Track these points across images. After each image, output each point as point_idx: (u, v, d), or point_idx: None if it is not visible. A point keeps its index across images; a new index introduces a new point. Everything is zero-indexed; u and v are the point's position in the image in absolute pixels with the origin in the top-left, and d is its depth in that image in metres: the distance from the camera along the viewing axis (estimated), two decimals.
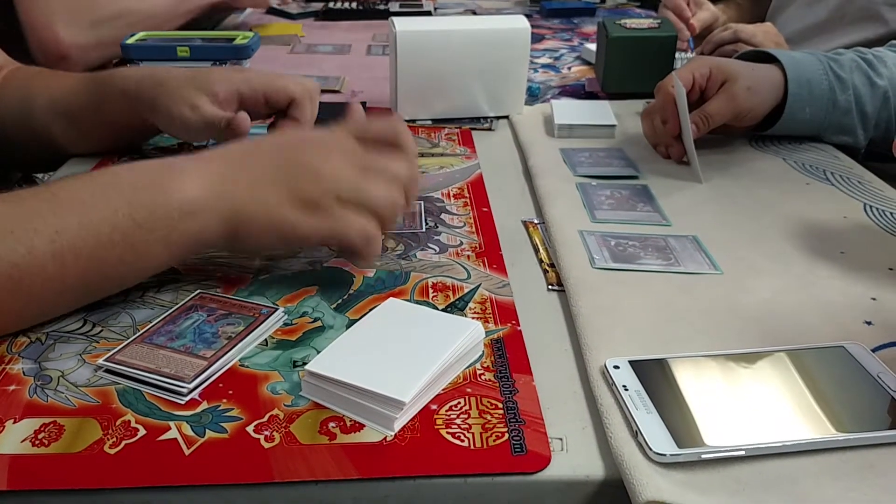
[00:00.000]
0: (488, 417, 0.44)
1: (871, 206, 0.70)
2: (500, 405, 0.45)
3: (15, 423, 0.43)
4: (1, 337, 0.50)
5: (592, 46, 1.13)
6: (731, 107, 0.77)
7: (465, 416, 0.44)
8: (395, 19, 0.87)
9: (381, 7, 1.48)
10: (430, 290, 0.56)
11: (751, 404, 0.44)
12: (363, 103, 0.94)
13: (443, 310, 0.53)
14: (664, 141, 0.80)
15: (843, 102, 0.80)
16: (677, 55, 1.01)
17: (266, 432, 0.42)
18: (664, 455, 0.40)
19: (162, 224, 0.50)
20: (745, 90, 0.77)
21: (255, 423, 0.43)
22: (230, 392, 0.45)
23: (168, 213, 0.50)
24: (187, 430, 0.42)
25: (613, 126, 0.86)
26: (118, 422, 0.43)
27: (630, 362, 0.47)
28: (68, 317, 0.52)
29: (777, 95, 0.79)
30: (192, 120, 0.68)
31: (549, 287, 0.58)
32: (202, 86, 0.68)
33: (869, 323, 0.53)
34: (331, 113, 0.90)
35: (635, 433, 0.42)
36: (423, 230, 0.65)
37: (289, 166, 0.53)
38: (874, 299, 0.55)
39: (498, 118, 0.92)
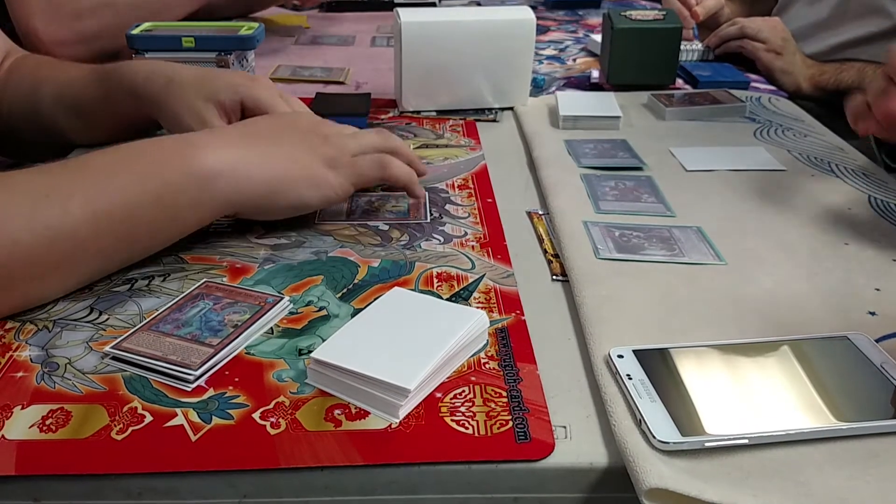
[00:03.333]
0: (492, 405, 0.44)
1: (875, 198, 0.70)
2: (505, 393, 0.45)
3: (23, 409, 0.43)
4: (9, 325, 0.51)
5: (598, 38, 1.13)
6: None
7: (470, 403, 0.44)
8: (400, 10, 0.87)
9: None
10: (435, 280, 0.56)
11: (754, 394, 0.44)
12: (368, 94, 0.94)
13: (447, 299, 0.54)
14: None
15: None
16: (682, 45, 1.01)
17: (272, 419, 0.43)
18: (667, 443, 0.40)
19: (192, 186, 0.53)
20: None
21: (261, 409, 0.43)
22: (236, 379, 0.46)
23: (197, 175, 0.53)
24: (194, 417, 0.43)
25: (618, 117, 0.86)
26: (125, 408, 0.43)
27: (634, 351, 0.47)
28: (75, 304, 0.53)
29: None
30: (187, 125, 0.68)
31: (554, 277, 0.58)
32: (210, 95, 0.67)
33: (873, 313, 0.53)
34: (336, 105, 0.90)
35: (639, 421, 0.42)
36: (428, 221, 0.65)
37: (303, 133, 0.61)
38: (878, 290, 0.55)
39: (503, 109, 0.92)
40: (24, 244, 0.47)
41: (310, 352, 0.47)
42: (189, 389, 0.45)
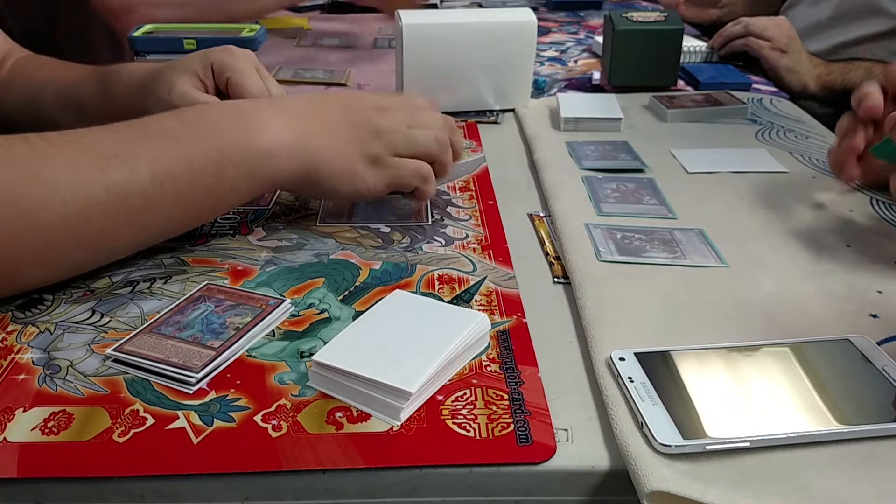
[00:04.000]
0: (494, 408, 0.44)
1: (877, 200, 0.70)
2: (506, 396, 0.45)
3: (25, 411, 0.43)
4: (11, 328, 0.51)
5: (601, 39, 1.13)
6: None
7: (471, 406, 0.44)
8: (402, 12, 0.87)
9: None
10: (436, 283, 0.56)
11: (756, 396, 0.44)
12: None
13: (449, 302, 0.54)
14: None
15: None
16: (684, 47, 1.01)
17: (273, 422, 0.43)
18: (669, 446, 0.40)
19: (250, 160, 0.56)
20: None
21: (263, 412, 0.43)
22: (238, 382, 0.46)
23: (255, 151, 0.56)
24: (195, 420, 0.43)
25: (619, 119, 0.86)
26: (127, 411, 0.43)
27: (635, 354, 0.47)
28: (77, 307, 0.53)
29: None
30: (171, 103, 0.67)
31: (555, 280, 0.58)
32: (183, 68, 0.68)
33: (875, 316, 0.53)
34: None
35: (640, 424, 0.42)
36: (429, 223, 0.65)
37: (355, 125, 0.61)
38: (880, 292, 0.55)
39: (504, 111, 0.92)
40: (96, 198, 0.50)
41: (311, 354, 0.47)
42: (191, 392, 0.45)
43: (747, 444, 0.41)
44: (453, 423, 0.43)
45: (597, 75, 1.05)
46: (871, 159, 0.66)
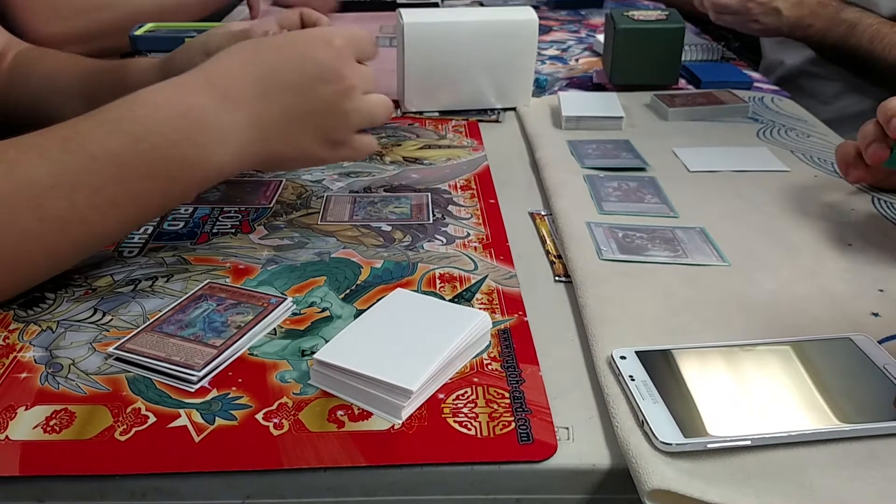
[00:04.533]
0: (495, 406, 0.44)
1: (878, 199, 0.70)
2: (507, 394, 0.45)
3: (27, 409, 0.44)
4: (13, 326, 0.51)
5: (603, 38, 1.13)
6: None
7: (472, 405, 0.44)
8: (403, 10, 0.87)
9: None
10: (438, 281, 0.56)
11: (757, 395, 0.44)
12: None
13: (450, 300, 0.54)
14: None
15: None
16: (686, 45, 1.01)
17: (275, 420, 0.43)
18: (670, 444, 0.40)
19: (200, 177, 0.54)
20: None
21: (265, 410, 0.43)
22: (239, 380, 0.46)
23: (207, 170, 0.54)
24: (197, 418, 0.43)
25: (621, 118, 0.86)
26: (128, 409, 0.44)
27: (637, 353, 0.47)
28: (79, 305, 0.53)
29: None
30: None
31: (556, 278, 0.58)
32: (185, 54, 0.68)
33: (876, 315, 0.53)
34: None
35: (641, 423, 0.42)
36: (431, 222, 0.65)
37: (319, 112, 0.58)
38: (881, 291, 0.55)
39: (505, 110, 0.92)
40: (34, 233, 0.48)
41: (313, 353, 0.47)
42: (192, 390, 0.45)
43: (748, 442, 0.41)
44: (454, 421, 0.43)
45: (598, 73, 1.05)
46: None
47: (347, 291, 0.55)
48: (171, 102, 0.53)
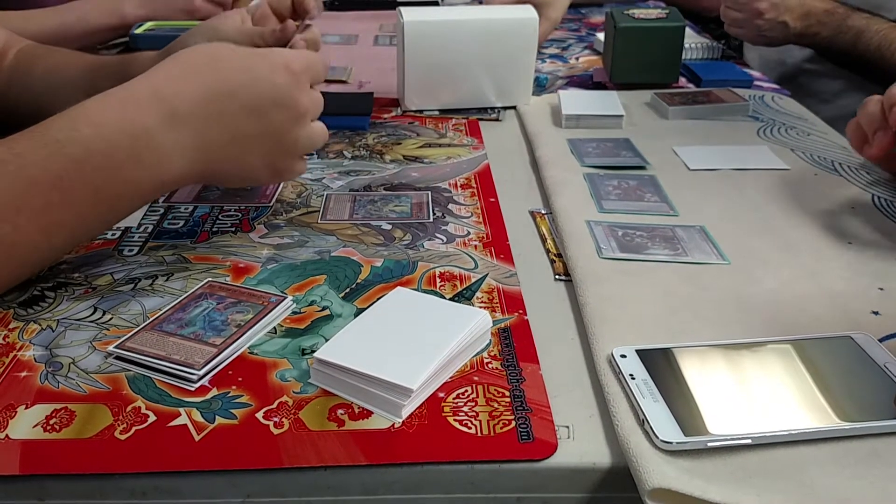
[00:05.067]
0: (495, 405, 0.44)
1: (879, 197, 0.70)
2: (507, 393, 0.45)
3: (27, 408, 0.43)
4: (13, 325, 0.51)
5: (603, 36, 1.13)
6: None
7: (473, 403, 0.44)
8: (403, 9, 0.87)
9: None
10: (438, 280, 0.56)
11: (757, 393, 0.44)
12: (370, 94, 0.94)
13: (450, 299, 0.54)
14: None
15: None
16: (686, 44, 1.01)
17: (275, 419, 0.43)
18: (671, 443, 0.40)
19: (146, 193, 0.54)
20: None
21: (265, 409, 0.43)
22: (239, 379, 0.46)
23: (153, 187, 0.54)
24: (197, 417, 0.43)
25: (621, 116, 0.86)
26: (129, 408, 0.44)
27: (637, 351, 0.47)
28: (79, 304, 0.53)
29: None
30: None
31: (556, 277, 0.58)
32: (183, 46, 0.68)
33: (876, 313, 0.53)
34: (338, 104, 0.90)
35: (642, 421, 0.42)
36: (431, 220, 0.65)
37: (267, 137, 0.57)
38: (882, 289, 0.55)
39: (505, 109, 0.92)
40: None
41: (313, 351, 0.47)
42: (192, 389, 0.45)
43: (749, 440, 0.41)
44: (455, 420, 0.43)
45: (598, 72, 1.05)
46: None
47: (347, 290, 0.55)
48: (115, 120, 0.51)
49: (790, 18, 1.08)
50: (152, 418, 0.43)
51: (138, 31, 0.89)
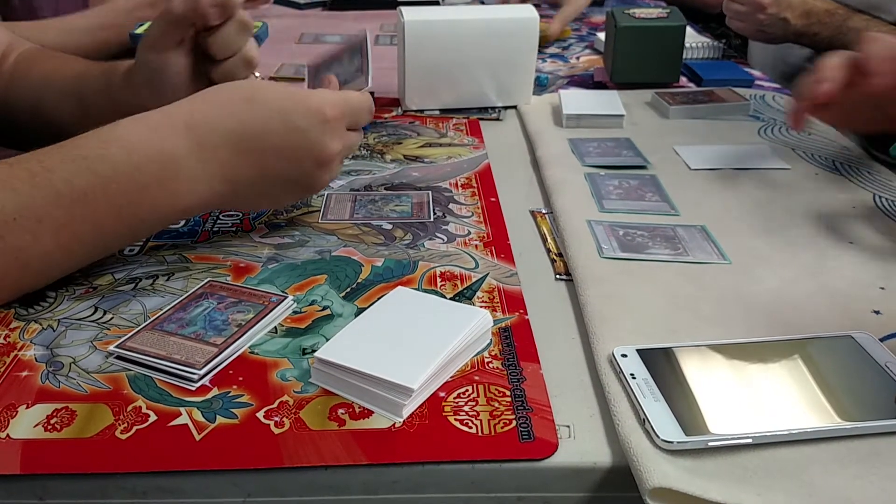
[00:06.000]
0: (496, 405, 0.44)
1: (880, 197, 0.70)
2: (508, 393, 0.45)
3: (28, 408, 0.43)
4: (14, 324, 0.51)
5: (604, 36, 1.13)
6: None
7: (473, 403, 0.44)
8: (403, 9, 0.87)
9: None
10: (439, 280, 0.56)
11: (758, 393, 0.44)
12: (371, 93, 0.93)
13: (451, 299, 0.54)
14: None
15: None
16: (687, 43, 1.01)
17: (276, 418, 0.43)
18: (671, 442, 0.40)
19: (167, 218, 0.54)
20: None
21: (265, 409, 0.43)
22: (240, 379, 0.46)
23: (176, 212, 0.54)
24: (198, 416, 0.43)
25: (622, 116, 0.86)
26: (129, 407, 0.44)
27: (638, 351, 0.47)
28: (79, 303, 0.53)
29: None
30: (156, 32, 0.65)
31: (557, 276, 0.58)
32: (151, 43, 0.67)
33: (877, 312, 0.53)
34: None
35: (643, 421, 0.42)
36: (431, 220, 0.65)
37: (295, 182, 0.58)
38: (882, 289, 0.55)
39: (506, 108, 0.92)
40: None
41: (313, 351, 0.47)
42: (193, 388, 0.45)
43: (749, 440, 0.41)
44: (455, 419, 0.43)
45: (599, 71, 1.05)
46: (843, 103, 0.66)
47: (348, 290, 0.55)
48: (144, 143, 0.51)
49: (791, 16, 1.08)
50: (153, 418, 0.43)
51: (139, 30, 0.89)
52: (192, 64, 0.65)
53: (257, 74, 0.69)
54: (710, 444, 0.40)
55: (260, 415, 0.43)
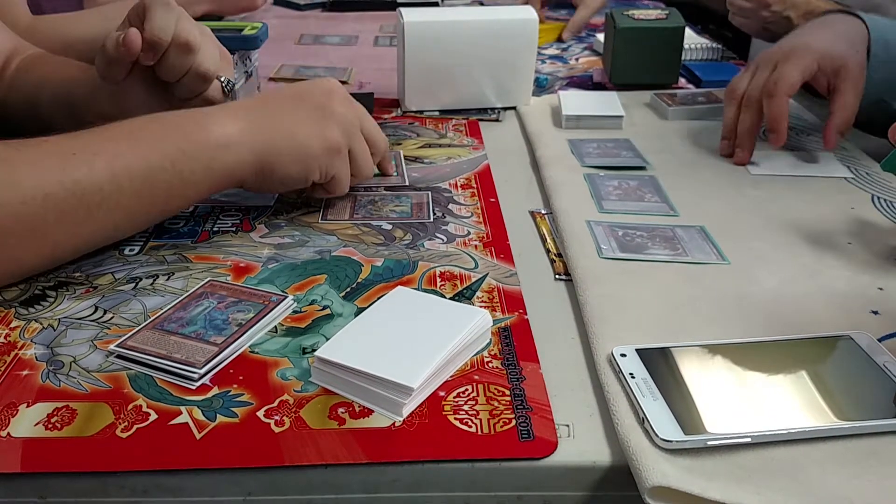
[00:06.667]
0: (496, 404, 0.44)
1: (878, 198, 0.70)
2: (508, 392, 0.45)
3: (28, 407, 0.44)
4: (14, 324, 0.51)
5: (603, 37, 1.13)
6: (858, 99, 0.74)
7: (473, 402, 0.44)
8: (403, 10, 0.87)
9: None
10: (438, 280, 0.56)
11: (757, 392, 0.44)
12: (371, 94, 0.94)
13: (450, 299, 0.54)
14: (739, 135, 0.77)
15: None
16: (686, 45, 1.01)
17: (276, 417, 0.43)
18: (670, 441, 0.40)
19: (205, 154, 0.57)
20: (860, 73, 0.74)
21: (266, 408, 0.44)
22: (240, 378, 0.46)
23: (210, 144, 0.57)
24: (198, 415, 0.43)
25: (621, 117, 0.86)
26: (130, 406, 0.44)
27: (637, 350, 0.47)
28: (80, 303, 0.53)
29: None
30: (101, 66, 0.66)
31: (557, 277, 0.58)
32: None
33: (875, 313, 0.53)
34: None
35: (642, 420, 0.42)
36: (431, 220, 0.66)
37: (309, 108, 0.62)
38: (881, 289, 0.55)
39: (505, 109, 0.92)
40: (55, 196, 0.51)
41: (314, 350, 0.47)
42: (193, 387, 0.45)
43: (748, 439, 0.41)
44: (455, 418, 0.43)
45: (597, 73, 1.05)
46: None
47: (348, 289, 0.55)
48: (173, 115, 0.59)
49: (794, 15, 1.08)
50: (153, 417, 0.43)
51: None
52: (149, 86, 0.68)
53: (222, 77, 0.69)
54: (709, 443, 0.40)
55: (260, 414, 0.43)
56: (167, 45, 0.63)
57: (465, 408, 0.44)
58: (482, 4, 1.45)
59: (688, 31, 1.00)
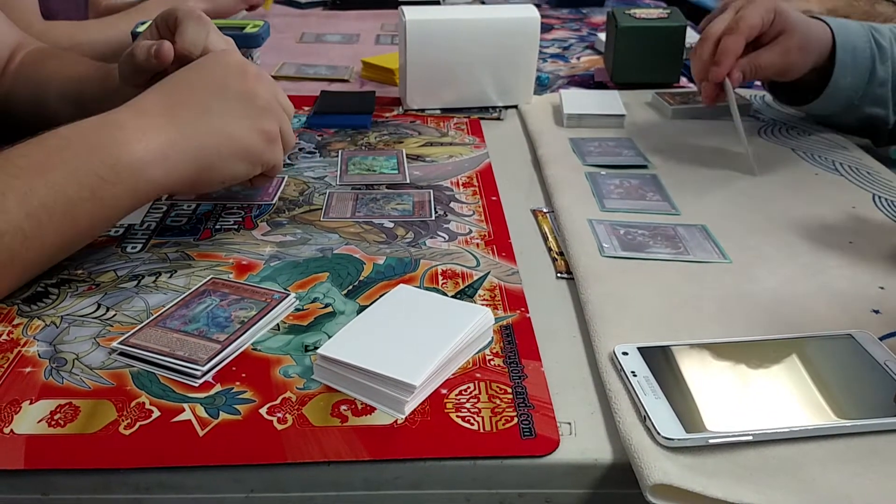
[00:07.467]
0: (497, 402, 0.44)
1: (879, 197, 0.70)
2: (510, 390, 0.45)
3: (31, 404, 0.44)
4: (17, 321, 0.51)
5: (605, 36, 1.13)
6: (783, 62, 0.76)
7: (475, 400, 0.44)
8: (405, 8, 0.87)
9: None
10: (440, 278, 0.57)
11: (758, 391, 0.44)
12: (372, 92, 0.94)
13: (452, 297, 0.54)
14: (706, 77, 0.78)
15: (882, 73, 0.79)
16: (687, 44, 1.01)
17: (279, 414, 0.43)
18: (672, 440, 0.40)
19: (128, 177, 0.53)
20: (798, 48, 0.76)
21: (268, 405, 0.44)
22: (243, 375, 0.46)
23: (132, 166, 0.53)
24: (201, 412, 0.43)
25: (623, 116, 0.86)
26: (133, 403, 0.44)
27: (639, 349, 0.47)
28: (82, 300, 0.53)
29: (822, 57, 0.78)
30: (126, 71, 0.67)
31: (558, 275, 0.58)
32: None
33: (877, 311, 0.53)
34: (340, 103, 0.90)
35: (643, 418, 0.42)
36: (433, 218, 0.66)
37: (240, 102, 0.59)
38: (882, 288, 0.56)
39: (507, 108, 0.92)
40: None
41: (316, 348, 0.47)
42: (196, 385, 0.45)
43: (749, 438, 0.41)
44: (457, 416, 0.43)
45: (599, 71, 1.05)
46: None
47: (350, 287, 0.55)
48: (91, 121, 0.55)
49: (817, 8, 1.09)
50: (156, 414, 0.43)
51: (140, 29, 0.89)
52: None
53: None
54: (711, 441, 0.41)
55: (263, 411, 0.43)
56: (197, 58, 0.63)
57: (467, 405, 0.44)
58: (483, 3, 1.46)
59: (689, 31, 1.00)
